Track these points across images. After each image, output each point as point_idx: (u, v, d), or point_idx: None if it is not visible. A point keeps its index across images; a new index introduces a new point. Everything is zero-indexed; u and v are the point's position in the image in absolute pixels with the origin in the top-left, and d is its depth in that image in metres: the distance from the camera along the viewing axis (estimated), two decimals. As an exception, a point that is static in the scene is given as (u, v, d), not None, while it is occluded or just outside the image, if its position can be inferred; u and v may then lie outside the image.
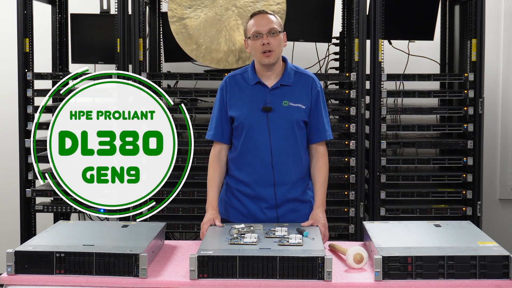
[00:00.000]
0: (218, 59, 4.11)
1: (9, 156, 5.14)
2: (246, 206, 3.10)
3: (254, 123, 3.04)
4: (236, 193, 3.13)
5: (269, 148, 3.03)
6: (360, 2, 4.24)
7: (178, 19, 3.76)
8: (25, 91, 4.39)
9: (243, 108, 3.06)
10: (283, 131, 3.04)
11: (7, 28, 5.00)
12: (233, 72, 3.19)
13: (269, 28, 3.00)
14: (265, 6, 4.06)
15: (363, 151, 4.34)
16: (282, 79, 3.07)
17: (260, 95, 3.06)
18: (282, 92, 3.06)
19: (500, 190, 5.29)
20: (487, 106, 4.98)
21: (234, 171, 3.14)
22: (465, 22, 4.48)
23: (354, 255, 2.59)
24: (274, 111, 3.03)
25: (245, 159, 3.08)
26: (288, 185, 3.08)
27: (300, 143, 3.09)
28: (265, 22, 3.01)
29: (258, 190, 3.08)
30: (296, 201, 3.11)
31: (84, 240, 2.63)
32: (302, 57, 4.78)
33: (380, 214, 4.31)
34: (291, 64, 3.13)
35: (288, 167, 3.07)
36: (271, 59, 3.00)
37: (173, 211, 4.35)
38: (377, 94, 4.30)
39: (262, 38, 2.99)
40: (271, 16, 3.05)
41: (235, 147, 3.13)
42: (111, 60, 4.40)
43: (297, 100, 3.06)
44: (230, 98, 3.09)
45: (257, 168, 3.06)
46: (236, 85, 3.10)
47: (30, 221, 4.46)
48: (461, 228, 2.85)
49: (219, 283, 2.42)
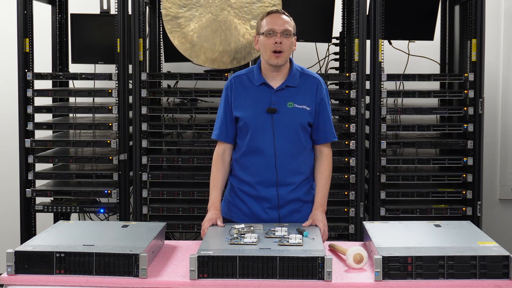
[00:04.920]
0: (213, 59, 4.11)
1: (9, 156, 5.14)
2: (249, 206, 3.10)
3: (259, 124, 3.04)
4: (239, 193, 3.13)
5: (273, 149, 3.03)
6: (360, 2, 4.24)
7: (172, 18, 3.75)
8: (25, 91, 4.39)
9: (248, 109, 3.05)
10: (288, 133, 3.04)
11: (7, 28, 5.01)
12: (238, 72, 3.19)
13: (284, 29, 3.00)
14: (261, 8, 4.06)
15: (363, 151, 4.34)
16: (288, 80, 3.07)
17: (265, 96, 3.05)
18: (287, 93, 3.06)
19: (500, 190, 5.29)
20: (487, 106, 4.99)
21: (238, 171, 3.14)
22: (465, 22, 4.48)
23: (354, 255, 2.59)
24: (279, 113, 3.03)
25: (249, 160, 3.08)
26: (291, 186, 3.08)
27: (304, 144, 3.09)
28: (281, 22, 3.02)
29: (261, 190, 3.08)
30: (299, 202, 3.11)
31: (84, 240, 2.62)
32: (302, 57, 4.77)
33: (380, 214, 4.30)
34: (296, 65, 3.13)
35: (292, 168, 3.07)
36: (279, 60, 3.00)
37: (173, 211, 4.36)
38: (377, 94, 4.30)
39: (275, 37, 2.99)
40: (287, 18, 3.06)
41: (239, 148, 3.12)
42: (111, 60, 4.40)
43: (302, 102, 3.06)
44: (235, 98, 3.09)
45: (260, 169, 3.06)
46: (241, 85, 3.10)
47: (30, 221, 4.46)
48: (461, 228, 2.85)
49: (219, 283, 2.42)
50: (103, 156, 4.39)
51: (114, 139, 4.34)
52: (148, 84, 4.37)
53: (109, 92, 4.35)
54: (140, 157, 4.34)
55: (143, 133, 4.34)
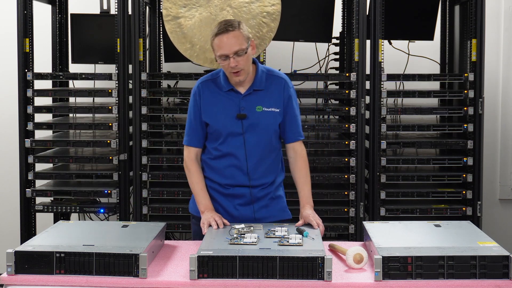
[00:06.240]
0: (212, 59, 4.10)
1: (9, 156, 5.14)
2: (220, 203, 3.12)
3: (229, 130, 3.05)
4: (210, 192, 3.14)
5: (244, 154, 3.06)
6: (360, 2, 4.24)
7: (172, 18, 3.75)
8: (25, 91, 4.39)
9: (218, 115, 3.07)
10: (258, 137, 3.07)
11: (7, 28, 5.00)
12: (204, 77, 3.18)
13: (234, 51, 2.94)
14: (260, 7, 4.05)
15: (363, 151, 4.34)
16: (254, 84, 3.07)
17: (234, 102, 3.06)
18: (255, 97, 3.07)
19: (500, 190, 5.29)
20: (487, 106, 4.98)
21: (208, 173, 3.16)
22: (465, 22, 4.48)
23: (354, 255, 2.59)
24: (249, 118, 3.05)
25: (220, 163, 3.11)
26: (263, 185, 3.12)
27: (274, 145, 3.13)
28: (230, 43, 2.94)
29: (232, 190, 3.11)
30: (267, 198, 3.14)
31: (84, 240, 2.62)
32: (302, 57, 4.78)
33: (380, 214, 4.30)
34: (262, 67, 3.14)
35: (263, 170, 3.11)
36: (241, 77, 3.01)
37: (173, 211, 4.36)
38: (377, 94, 4.30)
39: (229, 61, 2.96)
40: (235, 33, 2.95)
41: (209, 151, 3.14)
42: (111, 60, 4.40)
43: (270, 104, 3.07)
44: (204, 105, 3.10)
45: (232, 173, 3.09)
46: (209, 91, 3.10)
47: (30, 221, 4.46)
48: (461, 228, 2.85)
49: (219, 283, 2.42)
50: (103, 156, 4.39)
51: (114, 139, 4.34)
52: (148, 84, 4.37)
53: (109, 92, 4.35)
54: (140, 157, 4.34)
55: (143, 133, 4.34)
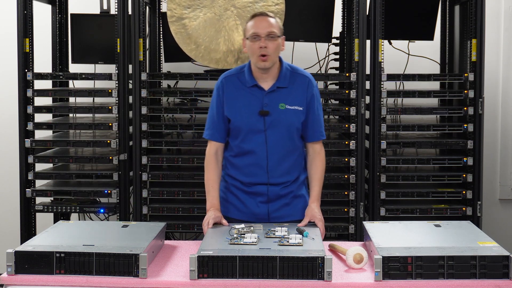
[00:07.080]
0: (217, 59, 4.11)
1: (9, 156, 5.14)
2: (243, 201, 3.13)
3: (251, 127, 3.05)
4: (233, 190, 3.15)
5: (265, 151, 3.05)
6: (360, 2, 4.24)
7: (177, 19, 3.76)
8: (25, 91, 4.39)
9: (240, 111, 3.06)
10: (280, 135, 3.06)
11: (7, 28, 5.00)
12: (228, 72, 3.18)
13: (268, 31, 2.98)
14: (264, 7, 4.05)
15: (363, 151, 4.33)
16: (278, 81, 3.07)
17: (257, 98, 3.06)
18: (278, 94, 3.06)
19: (500, 190, 5.29)
20: (487, 106, 4.98)
21: (231, 170, 3.16)
22: (465, 22, 4.48)
23: (354, 255, 2.59)
24: (271, 115, 3.04)
25: (241, 161, 3.11)
26: (283, 184, 3.11)
27: (296, 145, 3.12)
28: (264, 25, 3.00)
29: (253, 187, 3.11)
30: (289, 197, 3.13)
31: (84, 240, 2.63)
32: (302, 57, 4.78)
33: (380, 214, 4.30)
34: (286, 64, 3.13)
35: (283, 169, 3.10)
36: (266, 63, 3.00)
37: (173, 211, 4.36)
38: (377, 94, 4.30)
39: (260, 41, 2.98)
40: (272, 19, 3.04)
41: (231, 148, 3.14)
42: (111, 60, 4.40)
43: (294, 103, 3.07)
44: (227, 99, 3.09)
45: (252, 170, 3.09)
46: (233, 86, 3.10)
47: (30, 221, 4.46)
48: (461, 228, 2.85)
49: (219, 283, 2.42)
50: (103, 156, 4.38)
51: (114, 139, 4.34)
52: (148, 84, 4.37)
53: (109, 92, 4.35)
54: (140, 157, 4.34)
55: (143, 133, 4.34)
